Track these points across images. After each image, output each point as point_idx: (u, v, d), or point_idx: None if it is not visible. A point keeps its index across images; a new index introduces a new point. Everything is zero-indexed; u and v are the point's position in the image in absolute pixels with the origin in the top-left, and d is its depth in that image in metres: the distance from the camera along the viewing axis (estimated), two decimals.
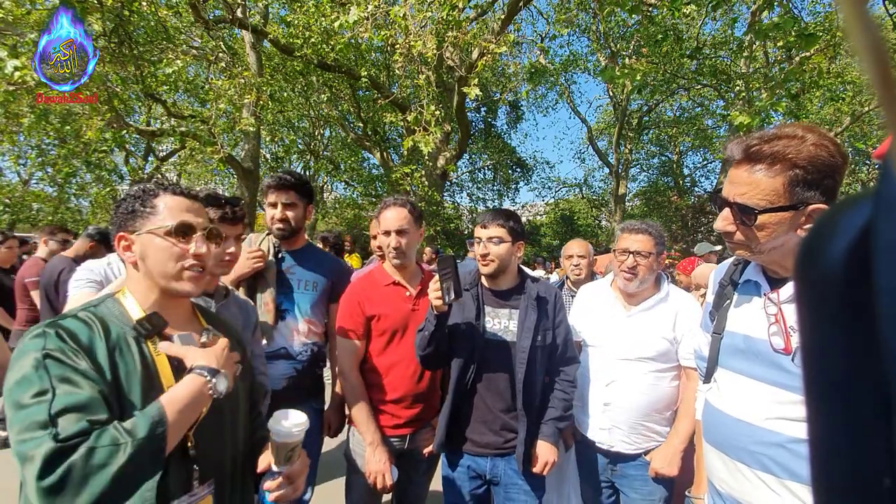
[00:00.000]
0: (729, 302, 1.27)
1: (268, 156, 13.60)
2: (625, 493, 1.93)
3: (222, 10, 7.37)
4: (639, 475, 1.87)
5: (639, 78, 5.50)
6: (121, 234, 1.02)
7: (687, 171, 18.45)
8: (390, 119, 6.19)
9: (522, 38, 12.15)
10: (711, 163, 17.35)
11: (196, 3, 6.53)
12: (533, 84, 13.54)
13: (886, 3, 4.91)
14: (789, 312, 1.10)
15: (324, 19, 6.15)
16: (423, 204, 8.20)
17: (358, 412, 1.82)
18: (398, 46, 5.08)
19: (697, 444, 1.45)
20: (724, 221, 1.11)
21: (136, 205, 1.01)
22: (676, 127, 16.56)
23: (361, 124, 11.48)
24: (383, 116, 7.88)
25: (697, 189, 17.84)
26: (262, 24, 8.00)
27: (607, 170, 17.94)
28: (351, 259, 7.58)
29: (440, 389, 2.05)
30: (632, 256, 1.86)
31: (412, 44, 4.88)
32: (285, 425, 1.00)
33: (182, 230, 1.00)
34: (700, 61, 10.92)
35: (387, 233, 1.86)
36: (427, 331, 1.63)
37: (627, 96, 15.01)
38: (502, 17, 7.82)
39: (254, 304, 1.83)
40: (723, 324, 1.26)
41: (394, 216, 1.86)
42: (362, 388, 1.86)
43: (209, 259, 1.05)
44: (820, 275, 0.28)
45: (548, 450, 1.73)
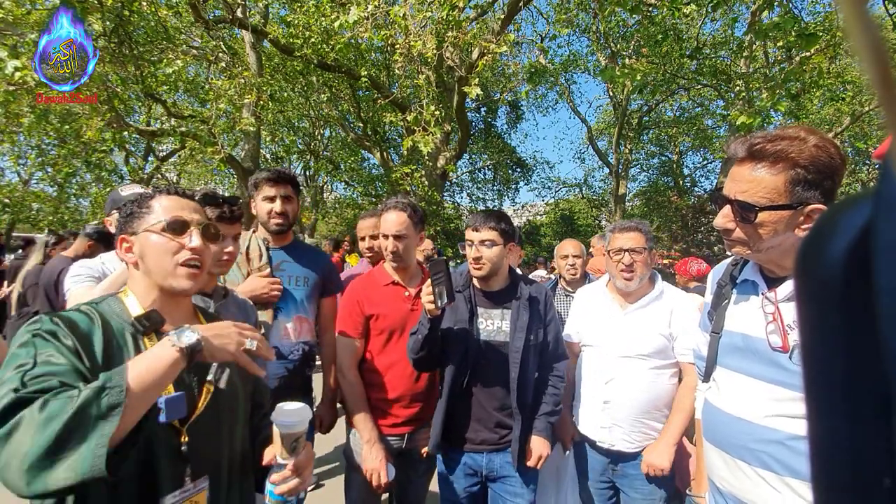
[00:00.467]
0: (727, 301, 1.28)
1: (268, 156, 13.59)
2: (625, 493, 1.94)
3: (222, 10, 7.37)
4: (639, 474, 1.88)
5: (639, 78, 5.50)
6: (121, 236, 1.05)
7: (687, 171, 18.44)
8: (390, 119, 6.18)
9: (522, 38, 12.16)
10: (711, 163, 17.34)
11: (196, 3, 6.53)
12: (533, 84, 13.53)
13: (886, 3, 4.91)
14: (786, 311, 1.11)
15: (324, 19, 6.15)
16: (423, 204, 8.19)
17: (356, 410, 1.83)
18: (398, 46, 5.08)
19: (698, 444, 1.46)
20: (724, 218, 1.12)
21: (134, 208, 1.05)
22: (676, 127, 16.54)
23: (361, 124, 11.48)
24: (383, 116, 7.87)
25: (697, 189, 17.84)
26: (262, 24, 8.00)
27: (607, 170, 17.93)
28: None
29: (439, 390, 2.06)
30: (627, 254, 1.89)
31: (412, 44, 4.88)
32: (288, 415, 1.01)
33: (176, 225, 1.03)
34: (700, 61, 10.91)
35: (385, 236, 1.86)
36: (420, 334, 1.63)
37: (627, 96, 15.00)
38: (502, 17, 7.82)
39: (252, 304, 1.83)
40: (721, 323, 1.27)
41: (393, 220, 1.86)
42: (361, 386, 1.86)
43: (207, 255, 1.07)
44: (820, 274, 0.28)
45: (541, 444, 1.75)
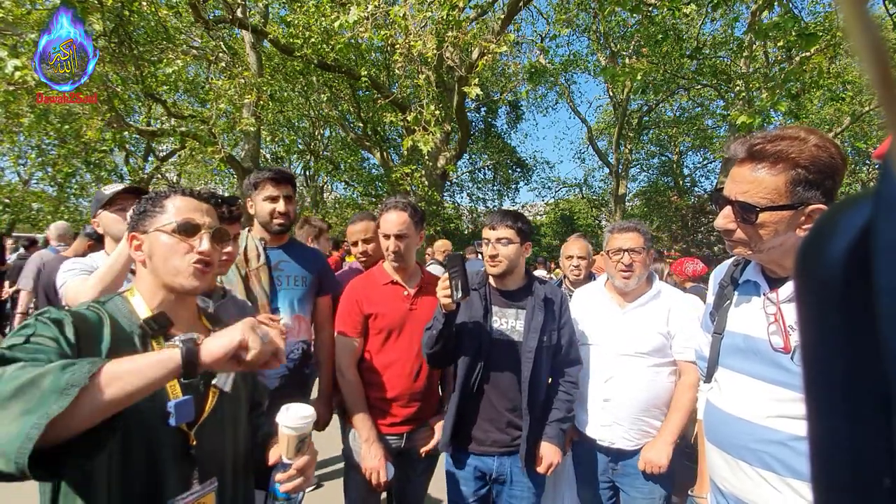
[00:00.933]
0: (729, 302, 1.28)
1: (268, 156, 13.60)
2: (625, 492, 1.94)
3: (222, 10, 7.37)
4: (639, 473, 1.88)
5: (639, 77, 5.50)
6: (132, 234, 1.05)
7: (687, 171, 18.45)
8: (390, 119, 6.19)
9: (522, 38, 12.15)
10: (711, 163, 17.36)
11: (196, 3, 6.53)
12: (533, 84, 13.56)
13: (886, 3, 4.91)
14: (788, 311, 1.11)
15: (324, 19, 6.15)
16: (422, 204, 8.19)
17: (355, 410, 1.83)
18: (398, 46, 5.08)
19: (700, 444, 1.46)
20: (724, 219, 1.12)
21: (148, 206, 1.04)
22: (676, 127, 16.55)
23: (361, 124, 11.48)
24: (383, 116, 7.88)
25: (697, 189, 17.85)
26: (262, 24, 8.00)
27: (607, 170, 17.94)
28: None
29: (438, 389, 2.06)
30: (626, 254, 1.90)
31: (412, 44, 4.88)
32: (294, 417, 1.01)
33: (187, 227, 1.02)
34: (700, 61, 10.92)
35: (386, 236, 1.86)
36: (435, 329, 1.63)
37: (627, 96, 15.00)
38: (502, 16, 7.82)
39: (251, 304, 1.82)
40: (723, 324, 1.27)
41: (394, 220, 1.86)
42: (360, 385, 1.87)
43: (215, 258, 1.07)
44: (820, 274, 0.28)
45: (552, 451, 1.74)
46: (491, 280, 1.83)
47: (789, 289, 1.12)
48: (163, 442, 0.94)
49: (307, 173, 16.69)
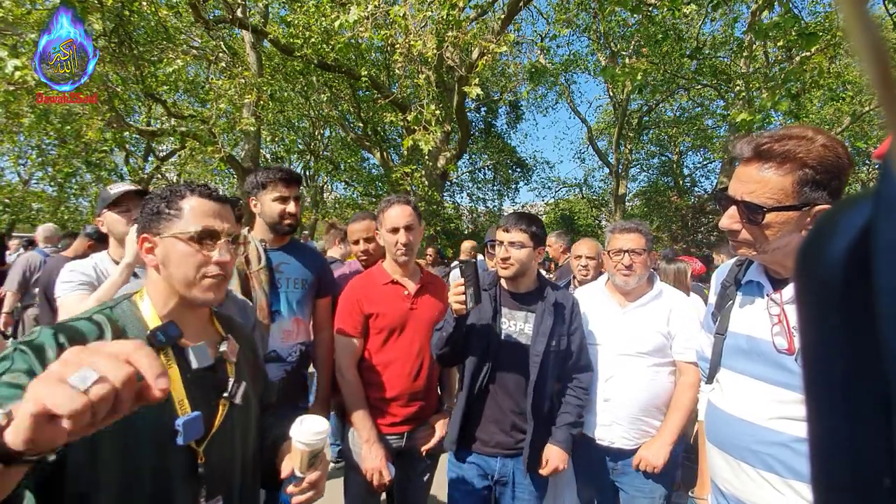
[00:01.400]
0: (731, 303, 1.27)
1: (268, 156, 13.59)
2: (625, 492, 1.94)
3: (222, 10, 7.37)
4: (639, 473, 1.88)
5: (639, 77, 5.50)
6: (144, 235, 0.97)
7: (687, 171, 18.42)
8: (390, 119, 6.19)
9: (522, 38, 12.15)
10: (711, 163, 17.34)
11: (196, 3, 6.53)
12: (533, 84, 13.56)
13: (886, 3, 4.91)
14: (792, 313, 1.10)
15: (324, 19, 6.15)
16: (422, 204, 8.20)
17: (355, 409, 1.83)
18: (398, 46, 5.08)
19: (701, 445, 1.45)
20: (730, 219, 1.11)
21: (162, 206, 0.96)
22: (676, 127, 16.53)
23: (361, 124, 11.48)
24: (383, 116, 7.88)
25: (697, 189, 17.83)
26: (262, 24, 8.00)
27: (607, 170, 17.92)
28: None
29: (438, 389, 2.06)
30: (627, 255, 1.90)
31: (412, 43, 4.88)
32: (308, 433, 0.99)
33: (206, 235, 0.95)
34: (700, 61, 10.91)
35: (394, 230, 1.86)
36: (445, 332, 1.64)
37: (627, 96, 14.99)
38: (502, 16, 7.82)
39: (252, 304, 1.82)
40: (725, 324, 1.27)
41: (400, 213, 1.87)
42: (359, 385, 1.87)
43: (232, 265, 1.01)
44: (820, 274, 0.28)
45: (558, 455, 1.74)
46: (502, 281, 1.83)
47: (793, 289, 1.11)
48: (170, 461, 0.89)
49: (307, 173, 16.67)
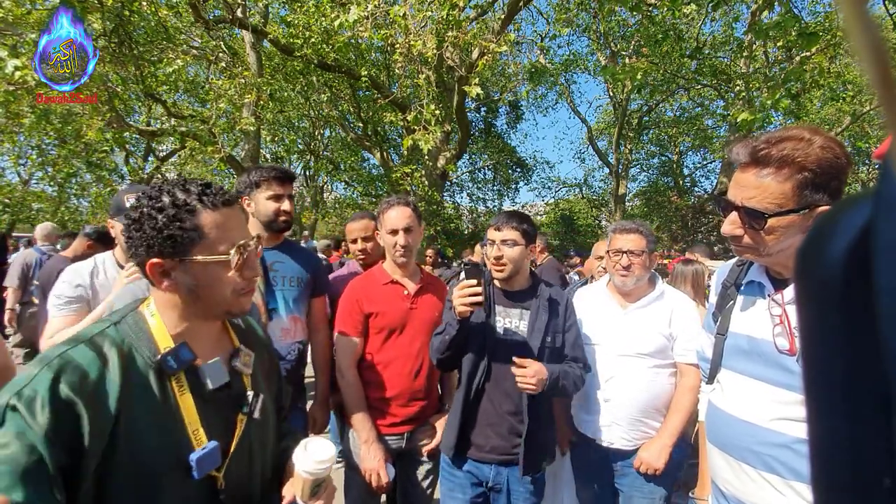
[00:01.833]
0: (732, 303, 1.27)
1: (268, 156, 13.59)
2: (625, 493, 1.94)
3: (222, 10, 7.37)
4: (639, 474, 1.88)
5: (639, 77, 5.49)
6: (155, 260, 0.84)
7: (687, 171, 18.43)
8: (390, 119, 6.19)
9: (522, 38, 12.15)
10: (711, 163, 17.35)
11: (196, 3, 6.53)
12: (533, 84, 13.55)
13: (886, 2, 4.91)
14: (794, 313, 1.09)
15: (324, 19, 6.15)
16: (422, 204, 8.19)
17: (354, 410, 1.83)
18: (398, 46, 5.08)
19: (701, 446, 1.45)
20: (731, 225, 1.10)
21: (173, 228, 0.83)
22: (676, 127, 16.54)
23: (361, 124, 11.47)
24: (383, 116, 7.88)
25: (697, 189, 17.86)
26: (262, 24, 8.00)
27: (607, 170, 17.93)
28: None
29: (438, 388, 2.05)
30: (626, 256, 1.89)
31: (412, 43, 4.88)
32: (312, 461, 0.95)
33: (234, 253, 0.87)
34: (700, 61, 10.91)
35: (394, 231, 1.86)
36: (448, 335, 1.63)
37: (627, 96, 15.00)
38: (502, 16, 7.82)
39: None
40: (726, 325, 1.26)
41: (400, 215, 1.87)
42: (359, 385, 1.86)
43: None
44: (820, 275, 0.28)
45: (537, 367, 1.61)
46: (495, 280, 1.83)
47: None
48: (190, 492, 0.85)
49: (307, 173, 16.67)
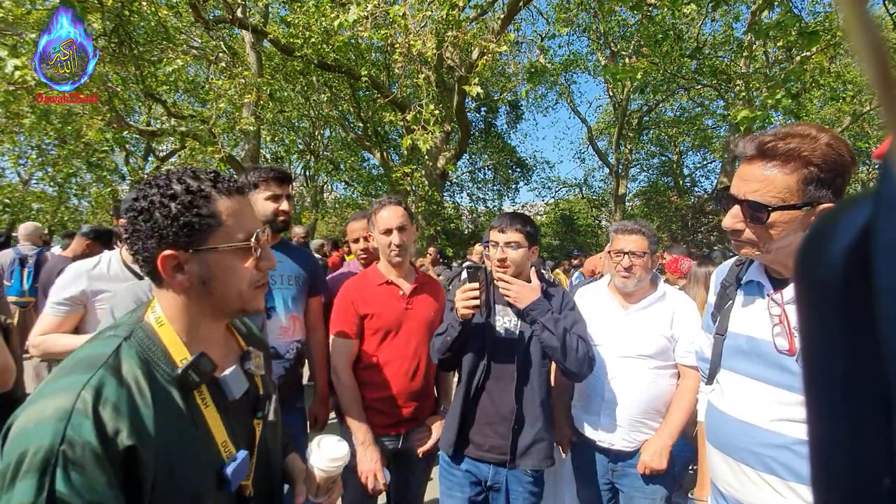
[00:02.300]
0: (731, 303, 1.26)
1: (268, 156, 13.59)
2: (625, 493, 1.93)
3: (222, 10, 7.37)
4: (639, 474, 1.88)
5: (639, 77, 5.49)
6: (169, 252, 0.78)
7: (687, 171, 18.43)
8: (389, 118, 6.19)
9: (522, 38, 12.15)
10: (711, 163, 17.35)
11: (196, 3, 6.53)
12: (533, 84, 13.53)
13: (886, 2, 4.91)
14: (793, 313, 1.09)
15: (324, 19, 6.15)
16: (423, 204, 8.20)
17: (350, 412, 1.83)
18: (398, 46, 5.08)
19: (701, 446, 1.45)
20: (733, 219, 1.09)
21: (189, 216, 0.78)
22: (676, 127, 16.54)
23: (361, 124, 11.48)
24: (383, 116, 7.87)
25: (697, 189, 17.84)
26: (262, 24, 8.00)
27: (607, 170, 17.93)
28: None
29: (434, 389, 2.05)
30: (627, 257, 1.88)
31: (412, 43, 4.88)
32: (325, 459, 0.96)
33: (250, 240, 0.84)
34: (700, 61, 10.91)
35: (387, 231, 1.86)
36: (450, 336, 1.63)
37: (627, 96, 15.00)
38: (502, 16, 7.82)
39: None
40: (725, 325, 1.26)
41: (392, 214, 1.87)
42: (355, 387, 1.86)
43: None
44: (820, 275, 0.28)
45: (529, 289, 1.65)
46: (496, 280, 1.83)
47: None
48: (221, 502, 0.84)
49: (307, 173, 16.67)
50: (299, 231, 5.42)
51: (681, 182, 17.87)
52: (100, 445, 0.65)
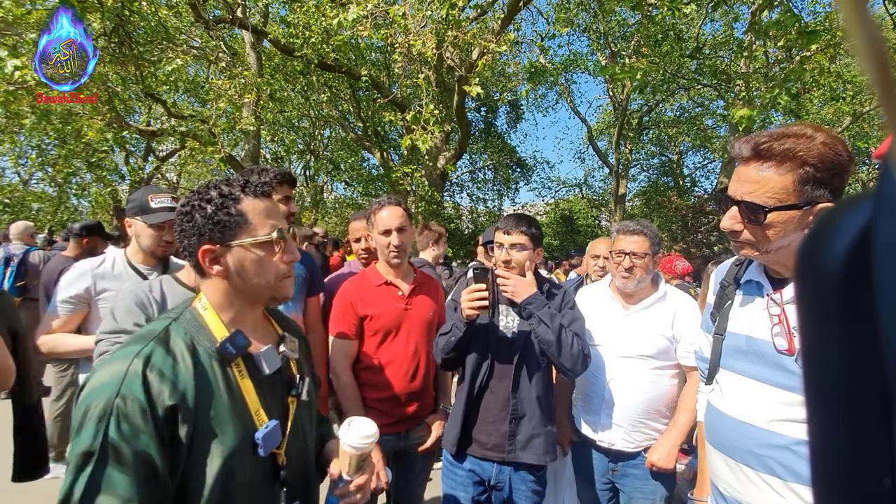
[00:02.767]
0: (730, 302, 1.26)
1: (268, 156, 13.58)
2: (625, 493, 1.93)
3: (222, 10, 7.36)
4: (640, 474, 1.88)
5: (639, 77, 5.48)
6: (206, 247, 0.92)
7: (687, 171, 18.41)
8: (389, 118, 6.19)
9: (522, 38, 12.14)
10: (711, 163, 17.34)
11: (196, 3, 6.53)
12: (533, 84, 13.52)
13: (886, 2, 4.91)
14: (793, 313, 1.09)
15: (324, 19, 6.14)
16: (423, 204, 8.19)
17: (351, 412, 1.83)
18: (398, 46, 5.08)
19: (700, 447, 1.45)
20: (731, 220, 1.10)
21: (221, 215, 0.92)
22: (676, 127, 16.53)
23: (361, 124, 11.47)
24: (383, 116, 7.87)
25: (697, 189, 17.82)
26: (262, 24, 8.00)
27: (607, 170, 17.92)
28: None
29: (433, 389, 2.06)
30: (628, 258, 1.88)
31: (412, 43, 4.88)
32: (357, 437, 1.02)
33: (275, 237, 0.96)
34: (700, 61, 10.91)
35: (386, 232, 1.86)
36: (454, 336, 1.64)
37: (627, 96, 15.00)
38: (502, 16, 7.81)
39: None
40: (724, 325, 1.26)
41: (391, 215, 1.87)
42: (355, 387, 1.87)
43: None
44: (820, 275, 0.28)
45: (526, 284, 1.67)
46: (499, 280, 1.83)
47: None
48: (257, 473, 0.91)
49: (307, 173, 16.66)
50: (319, 231, 5.50)
51: (681, 182, 17.87)
52: (146, 402, 0.79)
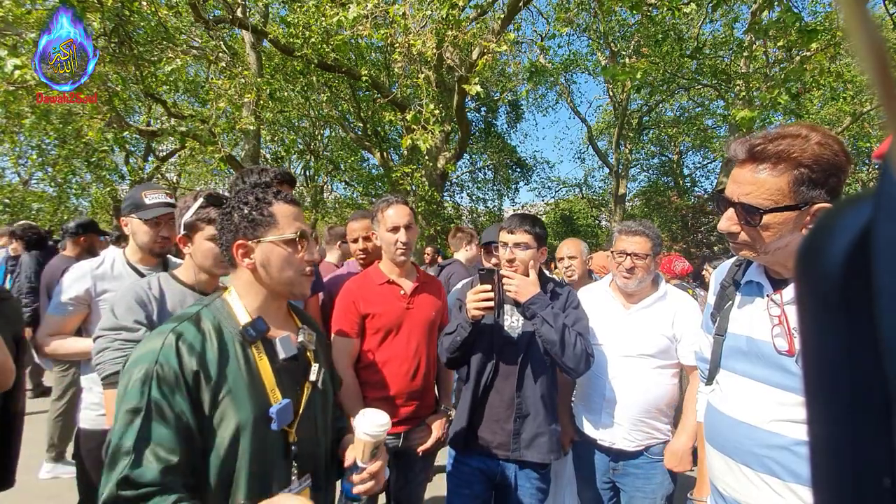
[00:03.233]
0: (731, 303, 1.26)
1: (268, 155, 13.58)
2: (626, 492, 1.94)
3: (222, 10, 7.36)
4: (641, 473, 1.88)
5: (639, 77, 5.48)
6: (240, 241, 1.07)
7: (687, 171, 18.40)
8: (389, 118, 6.18)
9: (522, 38, 12.14)
10: (711, 163, 17.33)
11: (196, 3, 6.52)
12: (533, 84, 13.55)
13: (886, 2, 4.91)
14: (793, 313, 1.09)
15: (324, 19, 6.14)
16: (423, 204, 8.19)
17: (352, 411, 1.83)
18: (398, 45, 5.08)
19: (700, 447, 1.45)
20: (728, 222, 1.10)
21: (255, 214, 1.07)
22: (676, 127, 16.52)
23: (361, 124, 11.47)
24: (383, 116, 7.87)
25: (697, 189, 17.82)
26: (262, 24, 7.99)
27: (607, 170, 17.92)
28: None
29: (435, 389, 2.06)
30: (629, 258, 1.88)
31: (412, 43, 4.87)
32: (372, 425, 1.06)
33: (299, 238, 1.09)
34: (700, 61, 10.90)
35: (395, 228, 1.87)
36: (460, 336, 1.64)
37: (627, 96, 14.99)
38: (502, 16, 7.81)
39: None
40: (725, 325, 1.26)
41: (400, 212, 1.87)
42: (356, 386, 1.87)
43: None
44: (820, 275, 0.28)
45: (529, 283, 1.68)
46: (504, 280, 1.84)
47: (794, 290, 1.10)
48: (268, 443, 1.00)
49: (307, 173, 16.66)
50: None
51: (681, 182, 17.86)
52: (179, 369, 0.93)
